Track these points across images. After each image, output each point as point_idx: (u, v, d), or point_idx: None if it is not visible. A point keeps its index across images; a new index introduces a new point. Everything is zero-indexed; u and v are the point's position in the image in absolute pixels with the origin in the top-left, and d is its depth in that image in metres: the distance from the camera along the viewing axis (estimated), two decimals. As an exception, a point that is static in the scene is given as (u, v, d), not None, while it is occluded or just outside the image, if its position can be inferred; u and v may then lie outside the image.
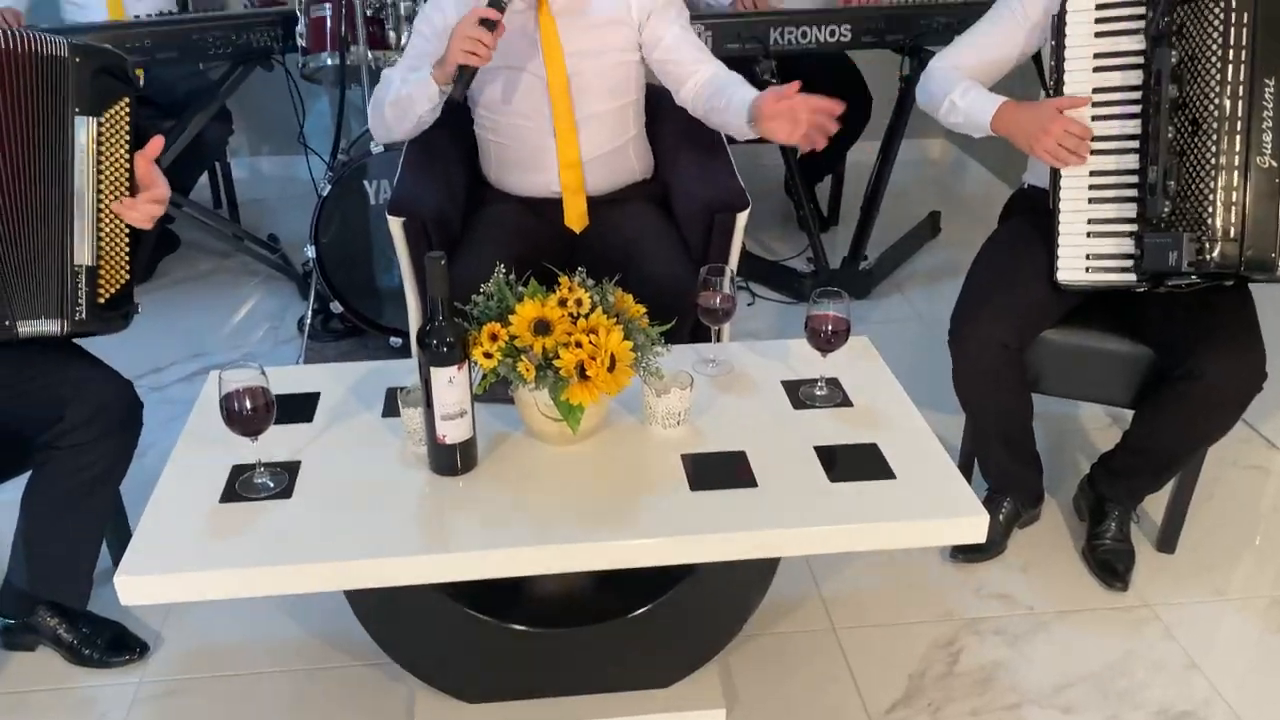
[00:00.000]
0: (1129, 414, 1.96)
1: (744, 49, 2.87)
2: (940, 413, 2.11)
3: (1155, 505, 2.10)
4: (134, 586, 1.32)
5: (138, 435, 1.69)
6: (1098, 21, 1.79)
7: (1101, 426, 2.49)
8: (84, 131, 1.63)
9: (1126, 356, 1.92)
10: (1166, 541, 2.08)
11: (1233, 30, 1.65)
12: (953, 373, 1.93)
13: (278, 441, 1.52)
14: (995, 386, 1.91)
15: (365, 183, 2.56)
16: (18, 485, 1.70)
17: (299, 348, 2.77)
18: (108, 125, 1.64)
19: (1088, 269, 1.85)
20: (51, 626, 1.77)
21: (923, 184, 4.02)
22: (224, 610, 1.91)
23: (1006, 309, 1.88)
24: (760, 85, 2.89)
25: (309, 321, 2.73)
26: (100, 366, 1.68)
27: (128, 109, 1.67)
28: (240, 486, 1.46)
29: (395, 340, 2.70)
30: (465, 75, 1.92)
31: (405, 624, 1.62)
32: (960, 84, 1.94)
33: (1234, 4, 1.64)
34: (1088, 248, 1.85)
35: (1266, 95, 1.66)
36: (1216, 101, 1.67)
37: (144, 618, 1.89)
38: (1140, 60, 1.76)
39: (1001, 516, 2.07)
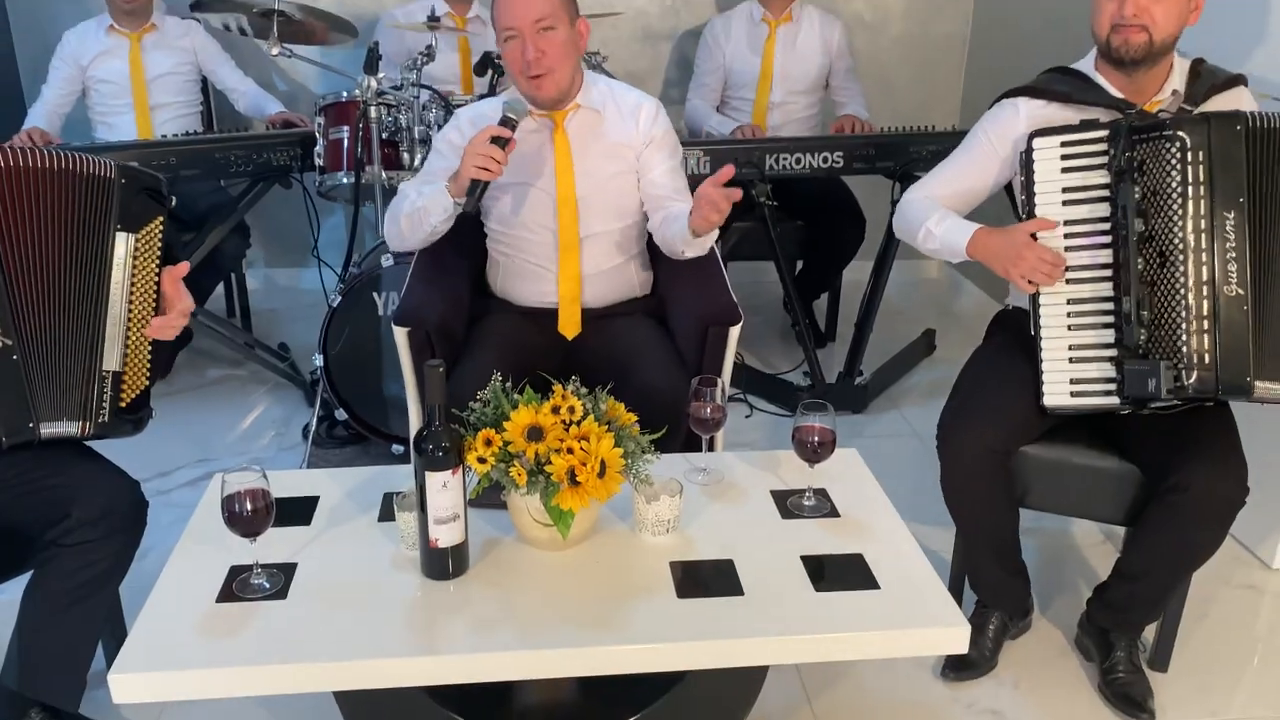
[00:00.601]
0: (1120, 531, 1.98)
1: (742, 173, 3.00)
2: (932, 527, 2.13)
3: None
4: (127, 685, 1.34)
5: (141, 535, 1.73)
6: (1064, 158, 1.87)
7: (1094, 543, 2.50)
8: (122, 246, 1.72)
9: (1111, 472, 1.95)
10: (1159, 660, 2.07)
11: (1189, 167, 1.75)
12: (941, 478, 1.96)
13: (276, 543, 1.56)
14: (983, 492, 1.94)
15: (375, 294, 2.65)
16: (15, 587, 1.73)
17: (304, 454, 2.82)
18: (143, 241, 1.74)
19: (1073, 393, 1.90)
20: (41, 730, 1.77)
21: (919, 303, 4.11)
22: (215, 713, 1.91)
23: (994, 415, 1.92)
24: (756, 207, 3.03)
25: (314, 428, 2.79)
26: (108, 466, 1.73)
27: (161, 226, 1.77)
28: (237, 587, 1.50)
29: (397, 448, 2.75)
30: (477, 189, 2.01)
31: (393, 729, 1.62)
32: (935, 212, 2.03)
33: (1189, 142, 1.74)
34: (1071, 373, 1.89)
35: (1228, 227, 1.74)
36: (1180, 234, 1.75)
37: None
38: (1107, 194, 1.84)
39: (991, 630, 2.07)
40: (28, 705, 1.76)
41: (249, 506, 1.46)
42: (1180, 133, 1.74)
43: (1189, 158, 1.74)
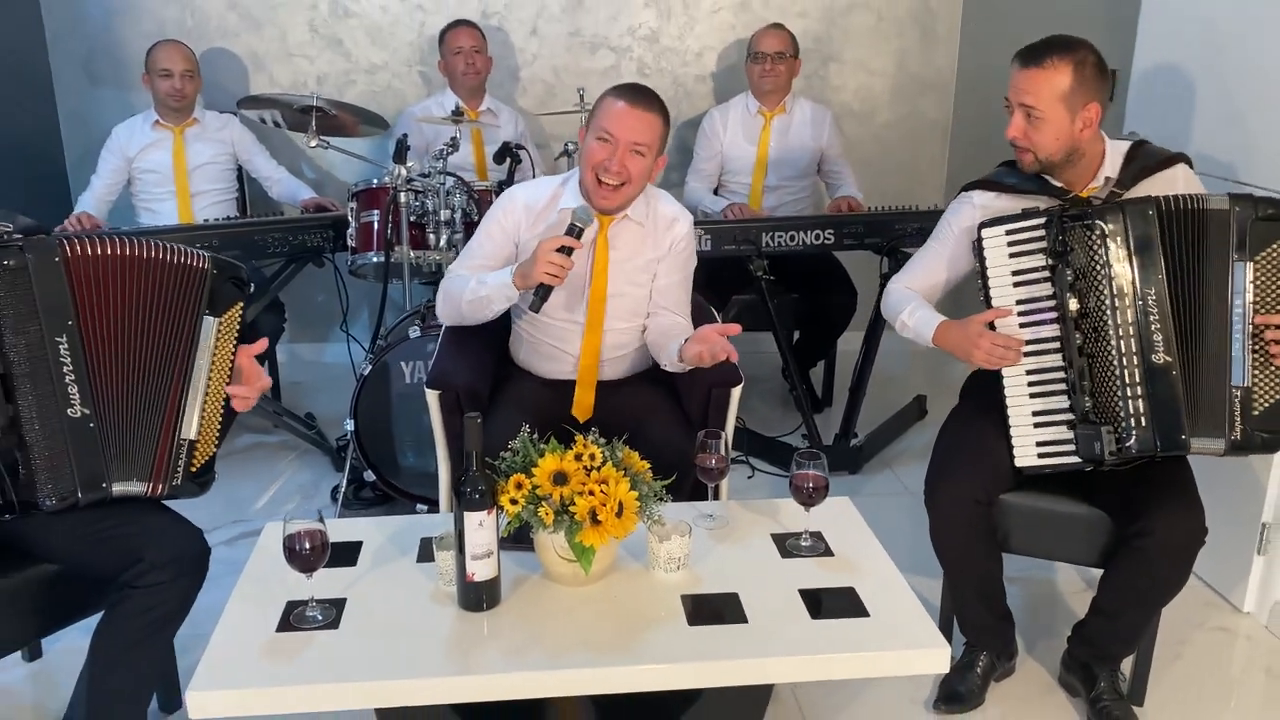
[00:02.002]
0: (1098, 575, 2.15)
1: (739, 250, 3.24)
2: (924, 577, 2.28)
3: (1125, 660, 2.26)
4: (203, 701, 1.51)
5: (203, 579, 1.89)
6: (1010, 244, 2.07)
7: (1076, 590, 2.67)
8: (208, 328, 1.92)
9: (1083, 518, 2.13)
10: (1136, 695, 2.22)
11: (1110, 250, 1.96)
12: (930, 529, 2.14)
13: (326, 581, 1.74)
14: (969, 539, 2.11)
15: (402, 364, 2.86)
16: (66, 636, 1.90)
17: (333, 515, 2.99)
18: (226, 323, 1.94)
19: (1039, 454, 2.08)
20: (105, 760, 1.93)
21: (910, 370, 4.31)
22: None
23: (975, 467, 2.11)
24: (754, 281, 3.25)
25: (344, 490, 2.97)
26: (176, 517, 1.92)
27: (241, 309, 1.97)
28: (294, 618, 1.67)
29: (421, 507, 2.92)
30: (543, 291, 2.18)
31: (430, 752, 1.78)
32: (909, 304, 2.24)
33: (1108, 228, 1.96)
34: (1037, 435, 2.08)
35: (1150, 301, 1.95)
36: (1109, 310, 1.97)
37: (185, 755, 2.05)
38: (1050, 274, 2.04)
39: (979, 670, 2.23)
40: (94, 737, 1.92)
41: (307, 545, 1.64)
42: (1099, 220, 1.96)
43: (1109, 242, 1.96)
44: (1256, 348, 1.95)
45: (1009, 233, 2.08)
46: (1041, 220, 2.04)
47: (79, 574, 1.90)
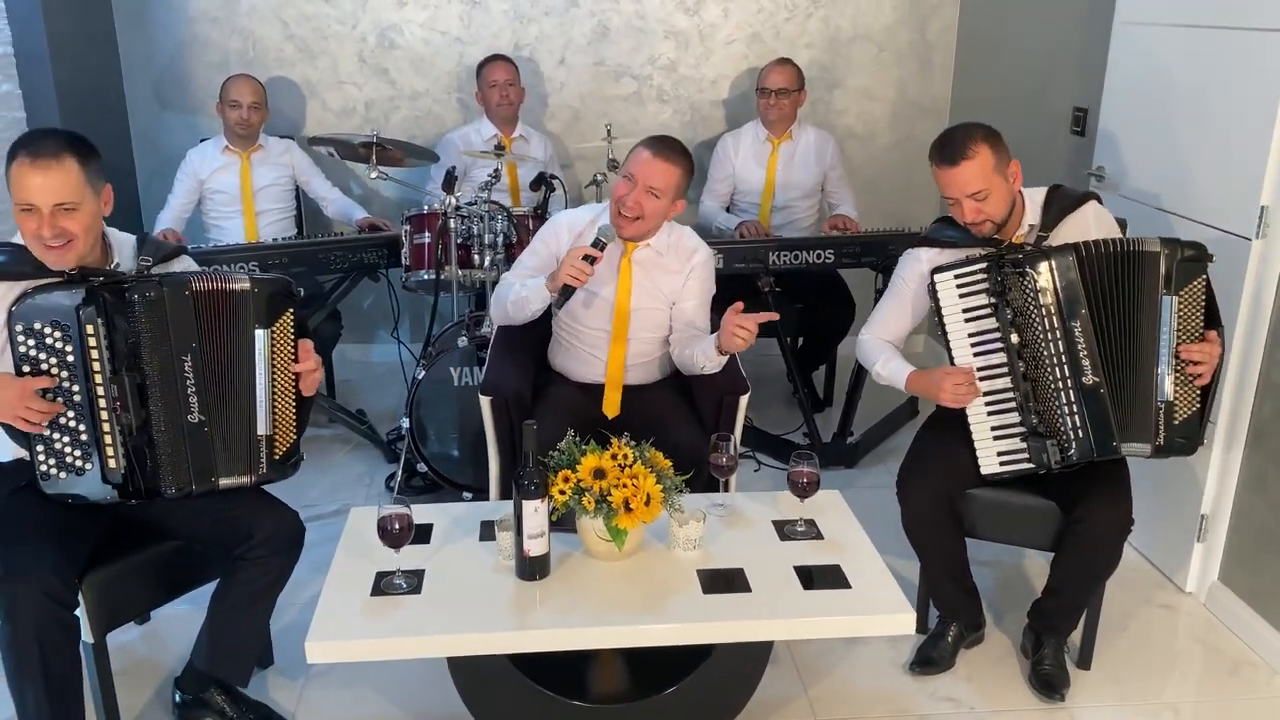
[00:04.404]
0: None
1: (749, 268, 3.62)
2: (910, 560, 2.65)
3: (1075, 631, 2.63)
4: (318, 649, 1.91)
5: (300, 554, 2.28)
6: (958, 287, 2.41)
7: (1040, 573, 3.00)
8: (261, 339, 2.24)
9: (1037, 509, 2.50)
10: (1084, 660, 2.61)
11: (1039, 293, 2.31)
12: (901, 519, 2.52)
13: (407, 555, 2.12)
14: (934, 528, 2.49)
15: (451, 368, 3.25)
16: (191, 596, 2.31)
17: (388, 500, 3.38)
18: (279, 331, 2.28)
19: (1001, 463, 2.44)
20: (219, 703, 2.32)
21: (907, 373, 4.69)
22: (345, 693, 2.46)
23: (940, 467, 2.48)
24: (762, 297, 3.62)
25: (399, 478, 3.37)
26: (277, 501, 2.30)
27: (292, 317, 2.30)
28: (384, 585, 2.06)
29: (467, 495, 3.31)
30: (568, 292, 2.59)
31: (491, 693, 2.17)
32: (882, 355, 2.59)
33: (1038, 273, 2.31)
34: (996, 447, 2.43)
35: (1077, 333, 2.31)
36: (1045, 343, 2.33)
37: (282, 701, 2.45)
38: (993, 310, 2.38)
39: (950, 638, 2.61)
40: (210, 683, 2.33)
41: (397, 526, 2.03)
42: (1029, 268, 2.32)
43: (1038, 284, 2.32)
44: (1178, 368, 2.32)
45: (957, 277, 2.42)
46: (983, 265, 2.38)
47: (196, 549, 2.29)
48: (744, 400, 2.73)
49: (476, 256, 3.34)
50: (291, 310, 2.30)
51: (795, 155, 4.04)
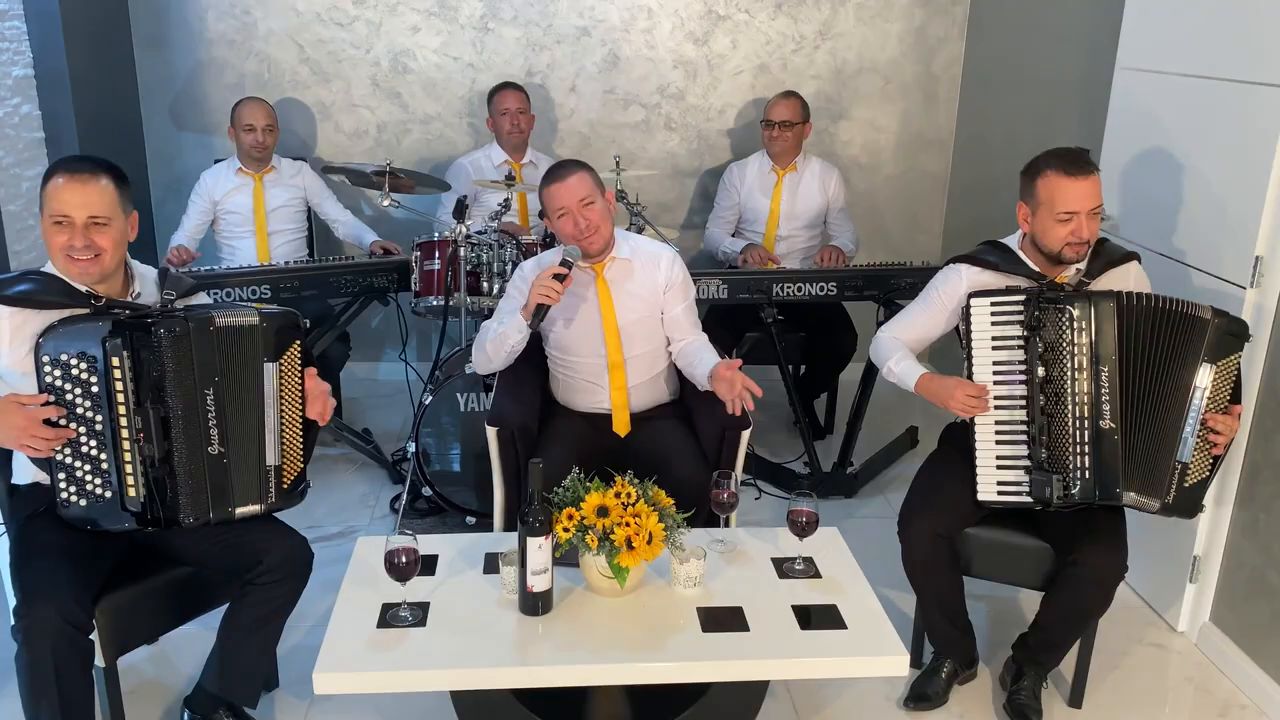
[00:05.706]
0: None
1: (752, 298, 3.67)
2: (907, 593, 2.70)
3: (1067, 668, 2.67)
4: (326, 681, 1.95)
5: (308, 579, 2.33)
6: (993, 314, 2.48)
7: (1033, 610, 3.07)
8: (270, 372, 2.31)
9: (1031, 549, 2.55)
10: (1075, 698, 2.65)
11: (1075, 332, 2.37)
12: (901, 556, 2.56)
13: (412, 587, 2.17)
14: (933, 566, 2.53)
15: (458, 394, 3.30)
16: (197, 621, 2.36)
17: (392, 522, 3.44)
18: (286, 363, 2.34)
19: (999, 492, 2.49)
20: (226, 725, 2.38)
21: (905, 403, 4.69)
22: (350, 718, 2.52)
23: (940, 508, 2.52)
24: (764, 325, 3.67)
25: (404, 500, 3.42)
26: (287, 527, 2.35)
27: (299, 348, 2.37)
28: (390, 618, 2.11)
29: (470, 519, 3.36)
30: (541, 312, 2.67)
31: (493, 727, 2.22)
32: (895, 354, 2.65)
33: (1076, 314, 2.37)
34: (998, 476, 2.49)
35: (1103, 377, 2.35)
36: (1068, 380, 2.38)
37: (287, 724, 2.50)
38: (1023, 343, 2.44)
39: (944, 675, 2.65)
40: (219, 704, 2.38)
41: (404, 559, 2.08)
42: (1070, 307, 2.38)
43: (1076, 325, 2.37)
44: (1201, 434, 2.37)
45: (993, 304, 2.47)
46: (1022, 297, 2.44)
47: (208, 574, 2.34)
48: (746, 435, 2.77)
49: (485, 284, 3.40)
50: (298, 342, 2.36)
51: (799, 186, 4.09)
